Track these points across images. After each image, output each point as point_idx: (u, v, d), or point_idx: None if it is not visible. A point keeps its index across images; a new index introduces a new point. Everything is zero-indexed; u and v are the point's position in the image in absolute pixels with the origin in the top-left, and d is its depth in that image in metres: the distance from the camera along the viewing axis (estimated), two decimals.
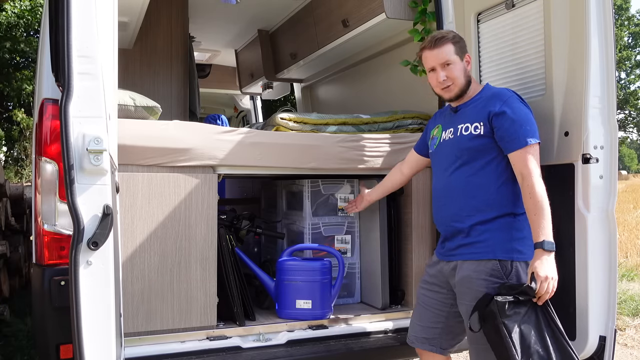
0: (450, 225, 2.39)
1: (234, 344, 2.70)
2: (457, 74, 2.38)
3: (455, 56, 2.38)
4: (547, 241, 2.12)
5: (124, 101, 2.66)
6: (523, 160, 2.20)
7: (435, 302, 2.49)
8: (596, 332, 2.34)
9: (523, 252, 2.27)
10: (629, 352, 4.75)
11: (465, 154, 2.34)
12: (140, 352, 2.52)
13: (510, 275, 2.24)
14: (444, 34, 2.43)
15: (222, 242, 2.88)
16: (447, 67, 2.37)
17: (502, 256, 2.25)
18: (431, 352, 2.52)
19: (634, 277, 7.10)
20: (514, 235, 2.28)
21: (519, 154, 2.21)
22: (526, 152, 2.20)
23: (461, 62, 2.39)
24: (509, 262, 2.25)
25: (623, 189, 21.76)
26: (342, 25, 3.78)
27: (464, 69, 2.40)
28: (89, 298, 1.75)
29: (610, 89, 2.37)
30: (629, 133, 42.04)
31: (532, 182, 2.16)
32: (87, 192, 1.79)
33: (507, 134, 2.24)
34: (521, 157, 2.20)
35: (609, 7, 2.35)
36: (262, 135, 2.95)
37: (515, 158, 2.23)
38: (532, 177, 2.17)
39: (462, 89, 2.40)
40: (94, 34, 1.85)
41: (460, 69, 2.38)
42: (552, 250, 2.12)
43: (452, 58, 2.37)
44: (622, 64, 34.77)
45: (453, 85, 2.39)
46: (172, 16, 4.32)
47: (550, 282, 2.11)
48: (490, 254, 2.26)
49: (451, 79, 2.38)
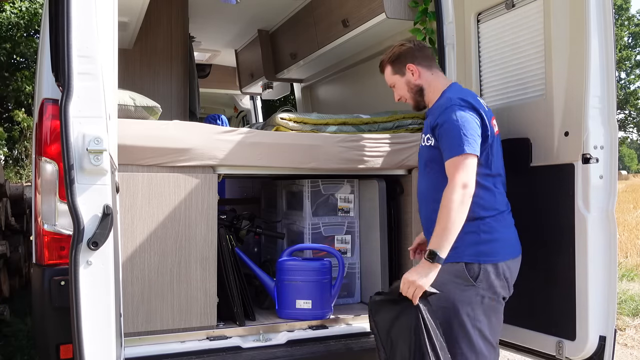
0: (426, 228, 2.43)
1: (234, 344, 2.70)
2: (402, 93, 2.49)
3: (394, 76, 2.49)
4: (432, 250, 2.11)
5: (124, 101, 2.66)
6: (448, 170, 2.20)
7: None
8: (596, 332, 2.34)
9: (491, 255, 2.26)
10: (629, 352, 4.75)
11: (427, 163, 2.39)
12: (140, 352, 2.52)
13: (479, 278, 2.24)
14: (383, 57, 2.53)
15: (222, 242, 2.88)
16: (393, 88, 2.52)
17: (469, 259, 2.25)
18: None
19: (634, 277, 7.10)
20: (482, 237, 2.27)
21: (447, 164, 2.22)
22: (452, 163, 2.19)
23: (402, 79, 2.47)
24: (476, 265, 2.24)
25: (623, 189, 21.76)
26: (342, 25, 3.78)
27: (408, 82, 2.46)
28: (89, 298, 1.75)
29: (610, 89, 2.37)
30: (629, 133, 42.07)
31: (446, 193, 2.15)
32: (87, 192, 1.79)
33: (442, 145, 2.26)
34: (448, 167, 2.21)
35: (609, 7, 2.35)
36: (262, 135, 2.95)
37: (446, 168, 2.23)
38: (448, 189, 2.16)
39: (415, 100, 2.49)
40: (94, 34, 1.85)
41: (402, 86, 2.48)
42: (432, 261, 2.10)
43: (392, 80, 2.50)
44: (622, 64, 34.77)
45: (407, 101, 2.51)
46: (172, 16, 4.32)
47: (410, 287, 2.11)
48: (458, 257, 2.25)
49: (401, 97, 2.51)
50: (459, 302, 2.25)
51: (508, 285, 2.32)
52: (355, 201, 3.37)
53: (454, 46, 3.00)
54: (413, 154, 3.13)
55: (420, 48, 2.50)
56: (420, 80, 2.44)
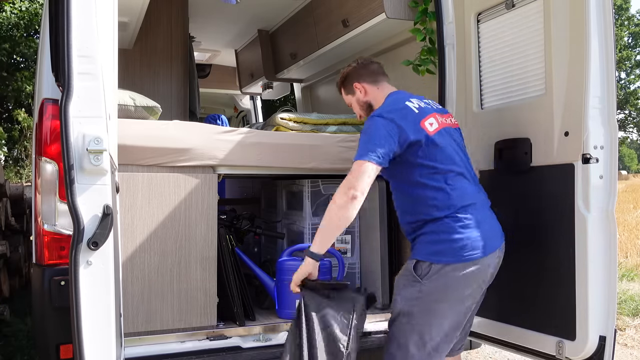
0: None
1: (234, 344, 2.70)
2: (357, 110, 2.60)
3: (348, 96, 2.60)
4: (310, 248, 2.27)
5: (124, 101, 2.67)
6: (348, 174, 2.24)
7: None
8: (596, 332, 2.34)
9: (445, 255, 2.23)
10: (629, 352, 4.75)
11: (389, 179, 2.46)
12: (140, 352, 2.52)
13: (427, 276, 2.22)
14: (336, 80, 2.64)
15: (222, 242, 2.88)
16: (351, 107, 2.62)
17: (422, 257, 2.26)
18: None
19: (634, 277, 7.09)
20: (440, 237, 2.25)
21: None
22: (352, 168, 2.24)
23: (353, 97, 2.57)
24: (427, 264, 2.23)
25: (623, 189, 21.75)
26: (342, 25, 3.78)
27: (358, 100, 2.56)
28: (89, 298, 1.75)
29: (610, 89, 2.37)
30: (629, 133, 42.06)
31: (335, 195, 2.22)
32: (87, 192, 1.79)
33: None
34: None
35: (609, 7, 2.35)
36: (262, 135, 2.95)
37: None
38: (337, 191, 2.22)
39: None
40: (94, 34, 1.85)
41: (355, 105, 2.58)
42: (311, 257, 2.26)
43: (348, 100, 2.61)
44: (622, 64, 34.76)
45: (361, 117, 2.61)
46: (172, 16, 4.32)
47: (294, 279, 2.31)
48: (414, 255, 2.29)
49: (360, 115, 2.61)
50: (402, 296, 2.27)
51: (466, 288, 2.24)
52: None
53: (454, 46, 3.00)
54: None
55: (364, 65, 2.57)
56: (368, 96, 2.54)
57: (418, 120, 2.30)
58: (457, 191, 2.29)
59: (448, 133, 2.38)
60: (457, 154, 2.36)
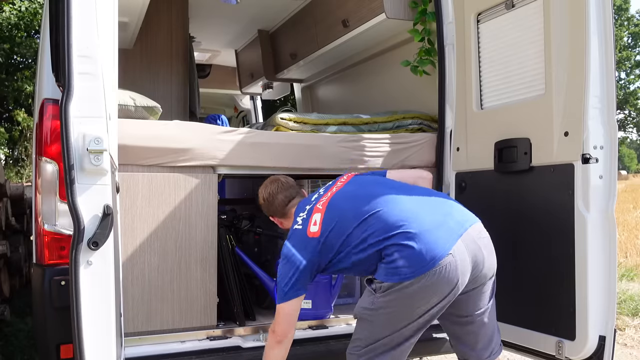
0: None
1: (234, 344, 2.71)
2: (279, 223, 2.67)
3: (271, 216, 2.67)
4: None
5: (124, 101, 2.67)
6: None
7: None
8: (596, 332, 2.34)
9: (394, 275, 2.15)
10: (628, 352, 4.75)
11: None
12: (140, 352, 2.53)
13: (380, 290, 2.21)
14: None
15: (222, 242, 2.88)
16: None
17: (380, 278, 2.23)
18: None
19: (633, 277, 7.09)
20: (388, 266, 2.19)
21: None
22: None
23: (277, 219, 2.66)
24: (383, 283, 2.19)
25: (623, 189, 21.72)
26: (342, 26, 3.78)
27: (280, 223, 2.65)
28: (89, 298, 1.76)
29: (610, 89, 2.37)
30: (629, 133, 42.08)
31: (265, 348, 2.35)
32: (88, 192, 1.79)
33: None
34: None
35: (608, 7, 2.35)
36: (262, 135, 2.95)
37: None
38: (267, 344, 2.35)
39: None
40: (94, 34, 1.85)
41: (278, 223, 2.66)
42: None
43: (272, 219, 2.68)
44: (622, 64, 34.77)
45: None
46: (172, 16, 4.32)
47: None
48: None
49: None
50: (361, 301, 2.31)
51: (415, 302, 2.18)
52: None
53: (454, 46, 3.00)
54: (413, 154, 3.13)
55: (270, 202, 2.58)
56: (285, 225, 2.60)
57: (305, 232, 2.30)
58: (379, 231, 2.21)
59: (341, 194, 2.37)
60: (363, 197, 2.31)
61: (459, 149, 2.91)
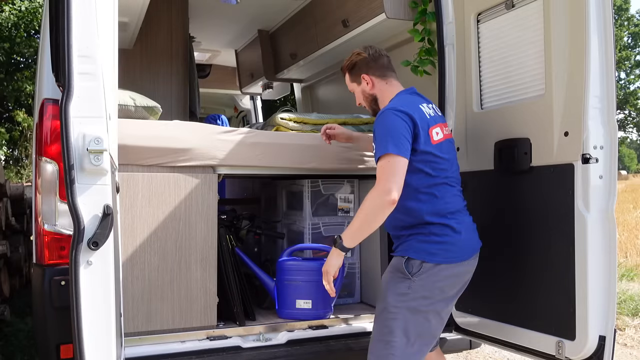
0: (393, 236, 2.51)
1: (234, 344, 2.71)
2: (360, 100, 2.62)
3: (352, 84, 2.62)
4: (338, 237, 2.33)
5: (124, 101, 2.67)
6: (377, 173, 2.28)
7: None
8: (596, 332, 2.34)
9: (435, 255, 2.30)
10: (628, 352, 4.75)
11: None
12: (140, 352, 2.53)
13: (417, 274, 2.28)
14: (344, 63, 2.65)
15: (222, 242, 2.88)
16: (354, 94, 2.64)
17: (413, 255, 2.31)
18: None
19: (633, 277, 7.09)
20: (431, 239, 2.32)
21: (377, 167, 2.29)
22: (379, 166, 2.27)
23: (359, 87, 2.59)
24: (418, 262, 2.29)
25: (623, 189, 21.72)
26: (342, 25, 3.78)
27: (363, 91, 2.58)
28: (89, 298, 1.75)
29: (610, 89, 2.37)
30: (629, 133, 42.07)
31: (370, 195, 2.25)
32: (88, 192, 1.79)
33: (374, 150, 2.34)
34: (377, 170, 2.28)
35: (608, 7, 2.35)
36: (262, 135, 2.95)
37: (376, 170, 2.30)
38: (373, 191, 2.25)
39: (371, 108, 2.60)
40: (94, 34, 1.85)
41: (359, 94, 2.61)
42: (334, 246, 2.33)
43: (351, 87, 2.64)
44: (622, 64, 34.76)
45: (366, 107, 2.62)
46: (172, 16, 4.32)
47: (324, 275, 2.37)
48: (404, 251, 2.35)
49: (360, 103, 2.64)
50: (390, 290, 2.30)
51: (448, 289, 2.33)
52: (355, 201, 3.37)
53: (454, 46, 3.00)
54: None
55: (375, 58, 2.57)
56: (374, 90, 2.56)
57: (427, 127, 2.37)
58: (446, 199, 2.38)
59: (447, 145, 2.46)
60: (451, 166, 2.46)
61: (459, 149, 2.90)
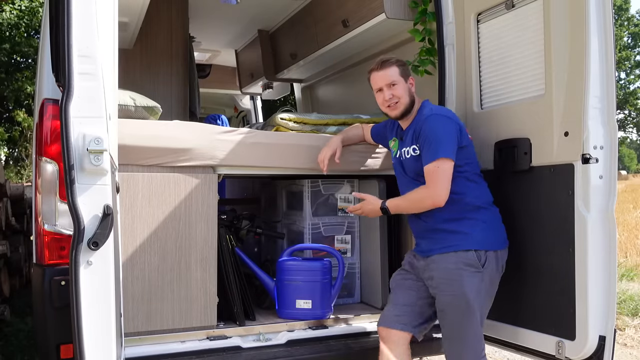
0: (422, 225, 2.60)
1: (234, 344, 2.71)
2: (402, 93, 2.61)
3: (400, 77, 2.63)
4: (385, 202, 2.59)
5: (124, 101, 2.66)
6: (427, 174, 2.47)
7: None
8: (596, 332, 2.34)
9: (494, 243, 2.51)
10: (628, 352, 4.75)
11: (416, 173, 2.58)
12: (140, 352, 2.53)
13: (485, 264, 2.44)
14: (389, 57, 2.69)
15: (222, 242, 2.88)
16: (392, 86, 2.61)
17: (478, 247, 2.45)
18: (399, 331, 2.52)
19: (633, 277, 7.09)
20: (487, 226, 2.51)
21: (426, 168, 2.47)
22: (430, 169, 2.45)
23: (405, 83, 2.63)
24: (483, 252, 2.45)
25: (623, 189, 21.71)
26: (342, 25, 3.78)
27: (408, 89, 2.63)
28: (89, 298, 1.76)
29: (610, 89, 2.37)
30: (629, 133, 42.08)
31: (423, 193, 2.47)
32: (88, 192, 1.79)
33: (423, 151, 2.51)
34: (426, 172, 2.47)
35: (608, 7, 2.35)
36: (262, 135, 2.95)
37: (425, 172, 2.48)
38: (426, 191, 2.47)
39: (406, 107, 2.62)
40: (94, 34, 1.85)
41: (404, 88, 2.62)
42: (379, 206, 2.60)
43: (396, 79, 2.62)
44: (621, 64, 34.76)
45: (399, 103, 2.61)
46: (172, 16, 4.32)
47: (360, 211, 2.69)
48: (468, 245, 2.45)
49: (397, 97, 2.60)
50: (468, 288, 2.40)
51: (500, 273, 2.54)
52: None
53: (454, 46, 3.00)
54: None
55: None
56: (413, 92, 2.67)
57: (464, 127, 2.58)
58: (485, 189, 2.60)
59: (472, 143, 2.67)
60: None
61: None
